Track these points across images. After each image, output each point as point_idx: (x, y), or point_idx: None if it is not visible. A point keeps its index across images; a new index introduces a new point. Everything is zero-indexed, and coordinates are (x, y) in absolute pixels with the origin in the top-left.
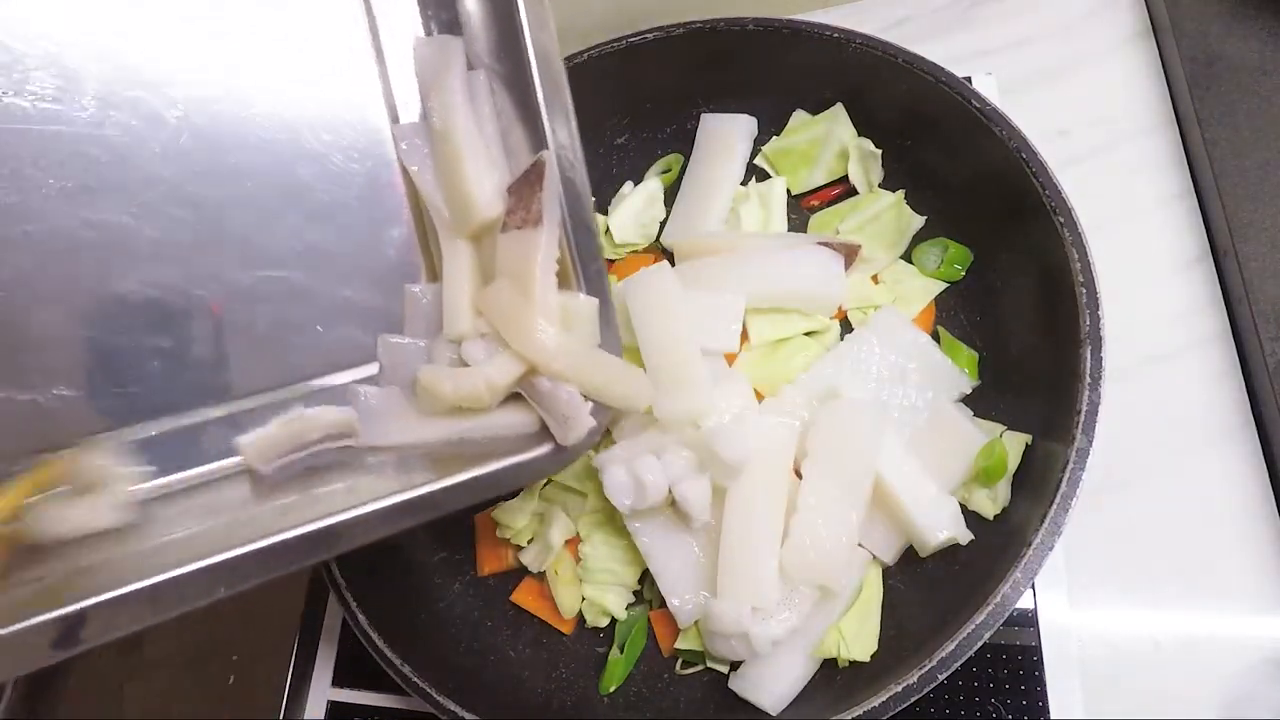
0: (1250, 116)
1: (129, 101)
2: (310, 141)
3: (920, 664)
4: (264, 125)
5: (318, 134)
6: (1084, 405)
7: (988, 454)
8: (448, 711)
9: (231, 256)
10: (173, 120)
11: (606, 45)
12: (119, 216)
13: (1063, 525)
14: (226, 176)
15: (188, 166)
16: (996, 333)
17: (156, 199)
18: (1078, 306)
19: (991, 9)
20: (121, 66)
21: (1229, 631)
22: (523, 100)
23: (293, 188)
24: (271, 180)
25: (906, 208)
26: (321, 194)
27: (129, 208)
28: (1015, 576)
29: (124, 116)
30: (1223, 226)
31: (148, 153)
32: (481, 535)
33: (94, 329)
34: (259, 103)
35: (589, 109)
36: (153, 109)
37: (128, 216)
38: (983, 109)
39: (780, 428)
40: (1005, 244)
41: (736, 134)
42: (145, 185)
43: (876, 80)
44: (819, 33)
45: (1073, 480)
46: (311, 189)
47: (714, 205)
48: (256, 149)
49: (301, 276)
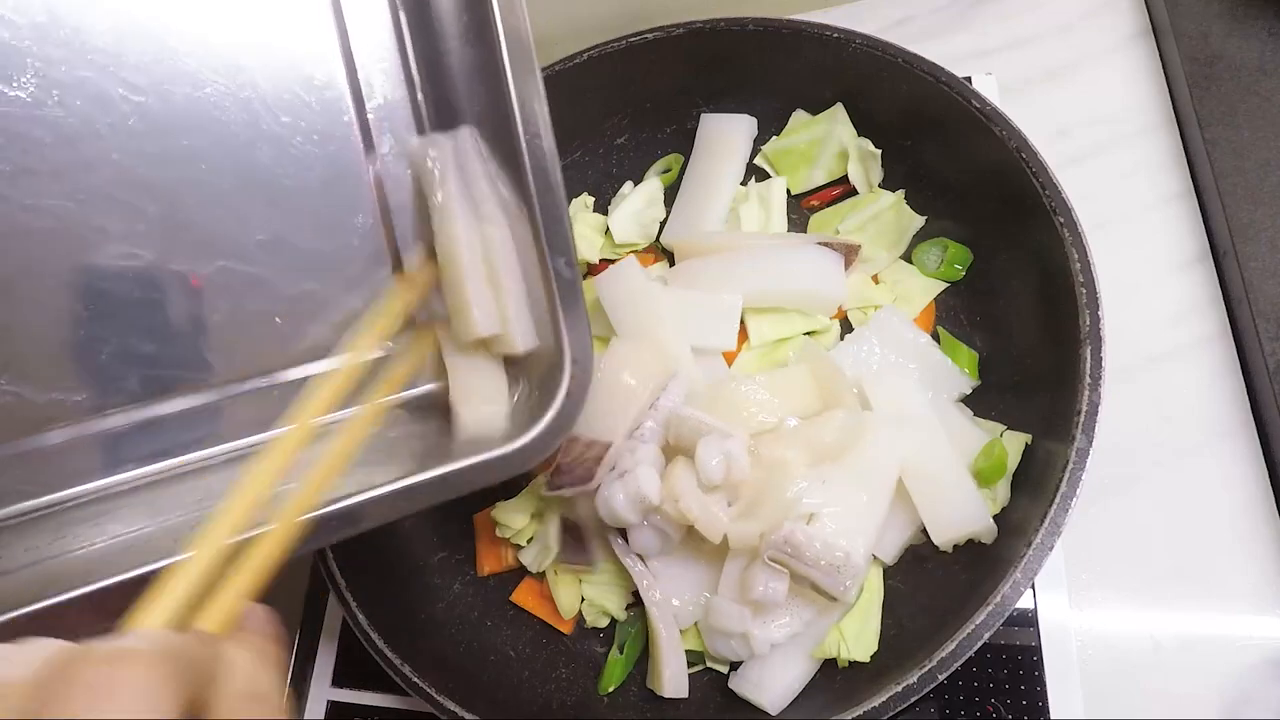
0: (1250, 116)
1: (74, 81)
2: (269, 123)
3: (920, 664)
4: (219, 106)
5: (276, 116)
6: (1084, 405)
7: (987, 454)
8: (448, 711)
9: (186, 244)
10: (120, 100)
11: (606, 45)
12: (63, 201)
13: (1063, 525)
14: (180, 160)
15: (138, 149)
16: (996, 333)
17: (103, 183)
18: (1078, 306)
19: (991, 9)
20: (65, 44)
21: (1229, 631)
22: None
23: (251, 172)
24: (228, 164)
25: (906, 208)
26: (282, 178)
27: (74, 192)
28: (1015, 577)
29: (68, 97)
30: (1223, 226)
31: (94, 134)
32: (481, 535)
33: (37, 319)
34: (213, 82)
35: (589, 109)
36: (100, 89)
37: (72, 202)
38: (983, 109)
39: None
40: (1005, 244)
41: (736, 134)
42: (91, 169)
43: (876, 80)
44: (819, 33)
45: (1073, 480)
46: (271, 173)
47: (714, 205)
48: (211, 131)
49: (261, 265)
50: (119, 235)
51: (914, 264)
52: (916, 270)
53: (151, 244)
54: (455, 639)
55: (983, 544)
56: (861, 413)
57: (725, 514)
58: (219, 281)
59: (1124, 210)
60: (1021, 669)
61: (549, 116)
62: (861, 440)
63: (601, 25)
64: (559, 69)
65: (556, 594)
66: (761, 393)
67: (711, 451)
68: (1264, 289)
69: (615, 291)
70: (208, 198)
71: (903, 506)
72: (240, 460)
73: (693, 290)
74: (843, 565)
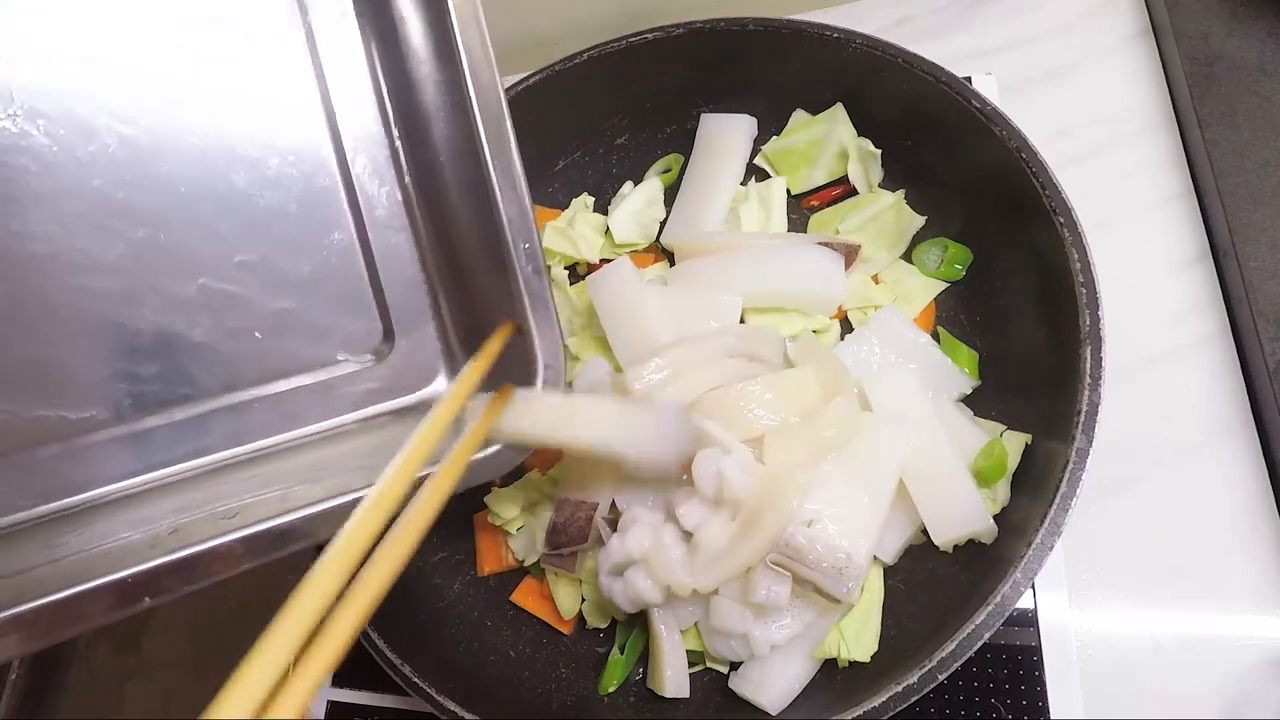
0: (1250, 116)
1: (57, 110)
2: (245, 147)
3: (920, 664)
4: (196, 131)
5: (252, 139)
6: (1084, 405)
7: (987, 454)
8: (448, 711)
9: (168, 266)
10: (102, 128)
11: (606, 45)
12: (48, 227)
13: (1063, 525)
14: (160, 185)
15: (118, 175)
16: (996, 333)
17: (86, 208)
18: (1078, 306)
19: (991, 9)
20: (48, 76)
21: (1229, 631)
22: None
23: (228, 194)
24: (206, 187)
25: (906, 208)
26: (258, 200)
27: (59, 218)
28: (1015, 577)
29: (51, 125)
30: (1223, 226)
31: (76, 162)
32: (481, 535)
33: (25, 340)
34: (190, 107)
35: (589, 109)
36: (81, 117)
37: (57, 226)
38: (983, 109)
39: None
40: (1005, 244)
41: (736, 134)
42: (74, 195)
43: (876, 80)
44: (819, 33)
45: (1073, 480)
46: (248, 195)
47: (714, 205)
48: (189, 156)
49: (241, 284)
50: (103, 257)
51: (914, 264)
52: (917, 270)
53: (134, 265)
54: (455, 639)
55: (983, 544)
56: (860, 409)
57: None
58: (199, 300)
59: (1124, 210)
60: (1021, 669)
61: (513, 133)
62: (861, 439)
63: (602, 25)
64: (559, 69)
65: (556, 594)
66: (765, 394)
67: (708, 466)
68: (1264, 289)
69: (606, 293)
70: (188, 220)
71: (903, 507)
72: (223, 471)
73: (691, 290)
74: (845, 568)
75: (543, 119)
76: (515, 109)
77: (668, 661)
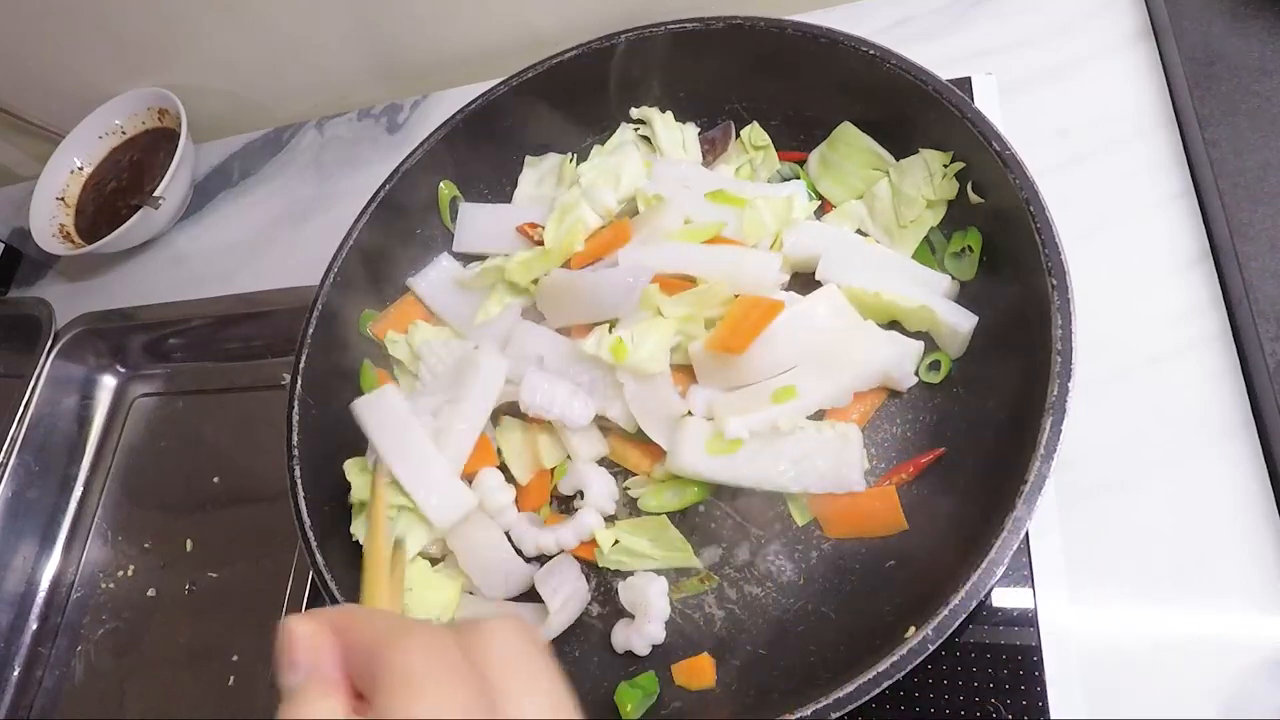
0: (1250, 116)
1: None
2: None
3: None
4: None
5: None
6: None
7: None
8: None
9: None
10: None
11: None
12: None
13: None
14: None
15: None
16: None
17: None
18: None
19: (991, 9)
20: None
21: (1229, 631)
22: None
23: None
24: None
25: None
26: None
27: None
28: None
29: None
30: (1223, 226)
31: None
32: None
33: None
34: None
35: (588, 109)
36: None
37: None
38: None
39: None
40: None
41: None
42: None
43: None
44: (856, 47)
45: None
46: None
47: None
48: None
49: None
50: None
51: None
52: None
53: None
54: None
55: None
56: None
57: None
58: None
59: (1124, 210)
60: (1021, 669)
61: None
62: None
63: (602, 25)
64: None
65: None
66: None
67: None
68: (1264, 289)
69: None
70: None
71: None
72: None
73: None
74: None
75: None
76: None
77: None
